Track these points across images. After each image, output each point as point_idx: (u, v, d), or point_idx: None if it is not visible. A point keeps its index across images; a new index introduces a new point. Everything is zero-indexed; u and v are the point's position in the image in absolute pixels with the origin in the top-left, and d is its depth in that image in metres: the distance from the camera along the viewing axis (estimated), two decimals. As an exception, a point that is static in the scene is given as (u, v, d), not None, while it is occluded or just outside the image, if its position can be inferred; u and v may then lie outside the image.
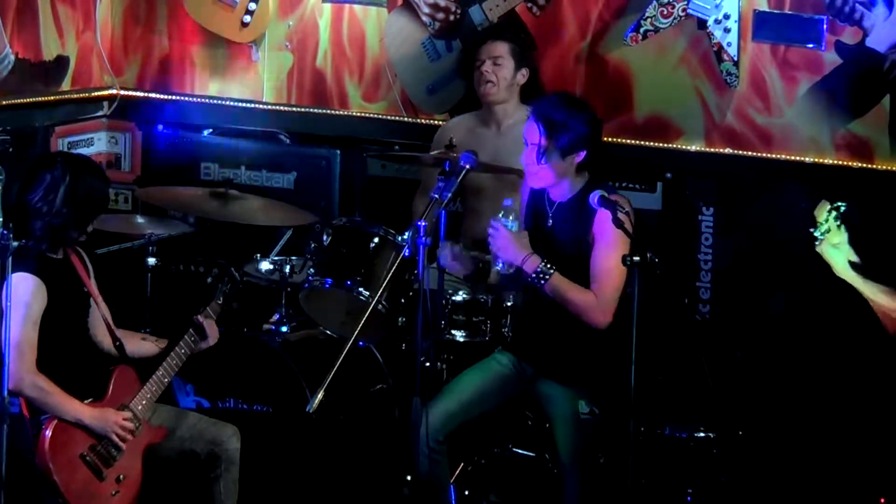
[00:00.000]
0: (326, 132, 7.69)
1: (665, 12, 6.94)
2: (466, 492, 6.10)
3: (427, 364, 5.66)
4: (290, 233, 6.90)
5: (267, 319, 6.51)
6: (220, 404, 6.34)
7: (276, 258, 6.57)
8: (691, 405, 5.88)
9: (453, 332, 6.07)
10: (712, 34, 6.91)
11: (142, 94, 7.99)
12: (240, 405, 6.33)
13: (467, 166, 5.64)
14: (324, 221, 6.43)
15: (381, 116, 7.62)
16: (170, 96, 7.96)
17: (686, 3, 6.91)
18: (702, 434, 5.74)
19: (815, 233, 5.44)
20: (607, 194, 5.39)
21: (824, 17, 6.76)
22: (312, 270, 6.14)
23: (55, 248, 5.44)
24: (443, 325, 5.95)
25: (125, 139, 8.01)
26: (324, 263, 6.13)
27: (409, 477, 5.57)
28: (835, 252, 5.43)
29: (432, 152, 6.53)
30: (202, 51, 7.88)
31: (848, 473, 6.13)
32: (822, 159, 6.86)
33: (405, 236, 5.61)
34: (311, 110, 7.73)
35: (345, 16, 7.62)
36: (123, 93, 7.97)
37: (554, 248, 5.57)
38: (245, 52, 7.80)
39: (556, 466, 5.83)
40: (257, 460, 5.98)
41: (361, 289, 5.98)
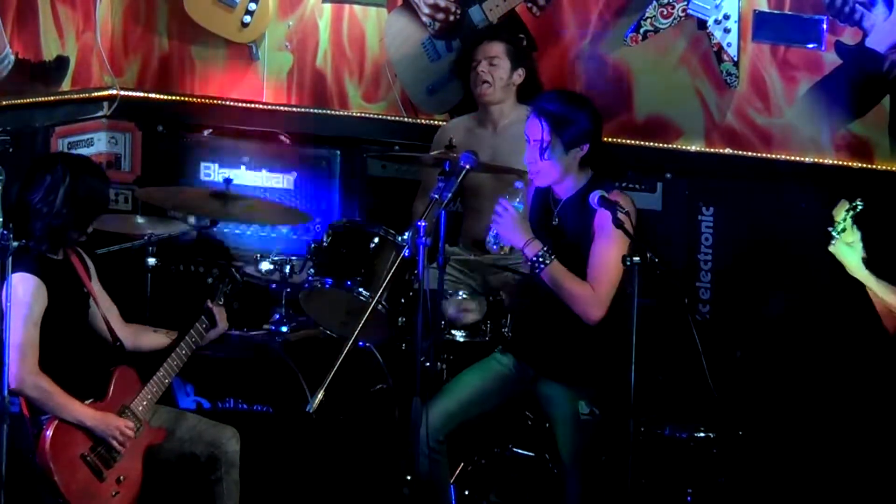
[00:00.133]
0: (326, 132, 7.68)
1: (665, 12, 6.94)
2: (466, 492, 6.10)
3: (427, 364, 5.66)
4: (290, 233, 6.89)
5: (267, 319, 6.51)
6: (220, 404, 6.34)
7: (276, 258, 6.57)
8: (691, 405, 5.87)
9: (453, 332, 6.08)
10: (712, 34, 6.91)
11: (142, 94, 7.98)
12: (240, 405, 6.33)
13: (467, 166, 5.64)
14: (324, 221, 6.42)
15: (381, 116, 7.61)
16: (170, 96, 7.96)
17: (686, 3, 6.91)
18: (702, 434, 5.73)
19: (832, 231, 5.44)
20: (607, 194, 5.39)
21: (824, 18, 6.76)
22: (312, 270, 6.14)
23: (55, 248, 5.44)
24: (443, 325, 5.95)
25: (125, 139, 8.01)
26: (324, 263, 6.13)
27: (409, 477, 5.56)
28: (849, 251, 5.44)
29: (432, 153, 6.53)
30: (202, 51, 7.88)
31: (848, 473, 6.13)
32: (822, 159, 6.86)
33: (405, 236, 5.61)
34: (311, 110, 7.72)
35: (345, 16, 7.62)
36: (123, 93, 7.96)
37: (558, 244, 5.55)
38: (245, 52, 7.79)
39: (556, 466, 5.83)
40: (257, 460, 5.98)
41: (361, 289, 5.97)
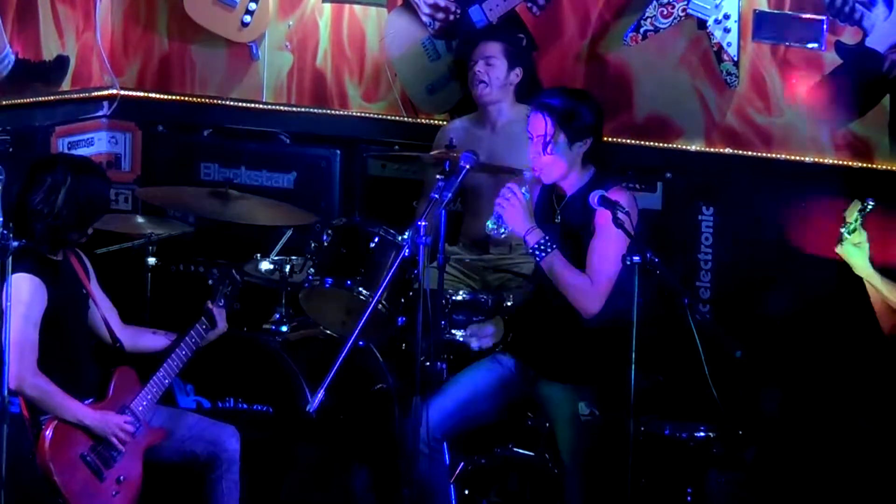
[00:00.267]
0: (326, 132, 7.68)
1: (665, 12, 6.94)
2: (466, 492, 6.10)
3: (427, 364, 5.66)
4: (290, 233, 6.89)
5: (267, 319, 6.50)
6: (220, 404, 6.34)
7: (276, 258, 6.57)
8: (691, 405, 5.87)
9: (453, 332, 6.08)
10: (712, 34, 6.90)
11: (142, 94, 7.98)
12: (240, 405, 6.33)
13: (467, 166, 5.64)
14: (324, 221, 6.43)
15: (381, 116, 7.61)
16: (170, 96, 7.96)
17: (686, 3, 6.90)
18: (702, 434, 5.74)
19: (844, 231, 5.44)
20: (611, 191, 5.39)
21: (824, 17, 6.76)
22: (312, 270, 6.14)
23: (55, 249, 5.44)
24: (443, 325, 5.95)
25: (125, 139, 8.01)
26: (324, 263, 6.13)
27: (409, 477, 5.56)
28: (856, 251, 5.45)
29: (432, 153, 6.53)
30: (202, 51, 7.88)
31: (848, 473, 6.12)
32: (822, 159, 6.86)
33: (405, 236, 5.61)
34: (311, 110, 7.72)
35: (345, 16, 7.61)
36: (123, 93, 7.96)
37: (560, 240, 5.53)
38: (245, 52, 7.79)
39: (556, 466, 5.83)
40: (257, 460, 5.98)
41: (361, 289, 5.97)
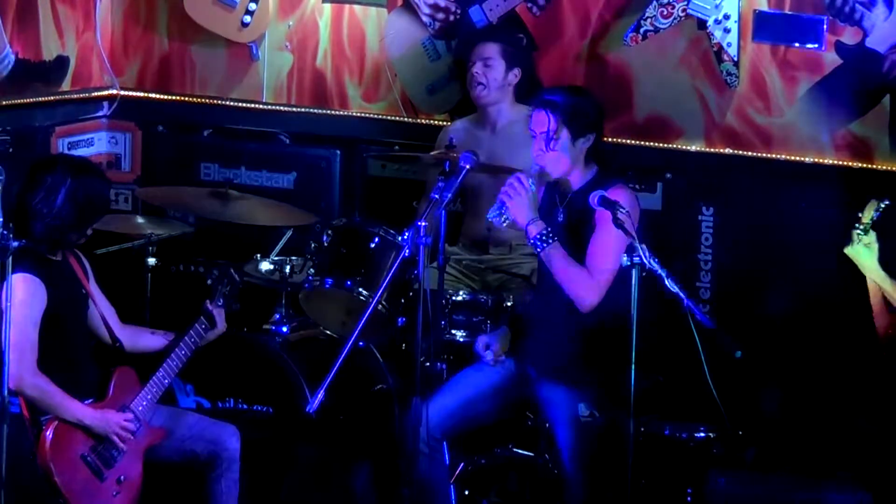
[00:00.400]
0: (326, 132, 7.68)
1: (665, 12, 6.94)
2: (466, 492, 6.10)
3: (427, 364, 5.66)
4: (290, 233, 6.89)
5: (267, 320, 6.51)
6: (220, 404, 6.34)
7: (276, 258, 6.57)
8: (691, 405, 5.87)
9: (453, 332, 6.08)
10: (712, 34, 6.90)
11: (142, 94, 7.98)
12: (240, 405, 6.33)
13: (467, 166, 5.64)
14: (324, 221, 6.43)
15: (381, 116, 7.61)
16: (170, 96, 7.96)
17: (686, 3, 6.91)
18: (702, 434, 5.74)
19: (857, 232, 5.44)
20: (611, 190, 5.38)
21: (824, 18, 6.76)
22: (312, 270, 6.14)
23: (54, 249, 5.44)
24: (443, 325, 5.95)
25: (125, 139, 8.01)
26: (324, 263, 6.13)
27: (409, 477, 5.57)
28: (866, 252, 5.45)
29: (432, 153, 6.54)
30: (202, 51, 7.88)
31: (847, 473, 6.12)
32: (822, 159, 6.86)
33: (405, 236, 5.61)
34: (311, 110, 7.72)
35: (345, 16, 7.61)
36: (123, 93, 7.96)
37: (561, 237, 5.53)
38: (245, 52, 7.79)
39: (556, 467, 5.83)
40: (257, 460, 5.99)
41: (361, 289, 5.97)
